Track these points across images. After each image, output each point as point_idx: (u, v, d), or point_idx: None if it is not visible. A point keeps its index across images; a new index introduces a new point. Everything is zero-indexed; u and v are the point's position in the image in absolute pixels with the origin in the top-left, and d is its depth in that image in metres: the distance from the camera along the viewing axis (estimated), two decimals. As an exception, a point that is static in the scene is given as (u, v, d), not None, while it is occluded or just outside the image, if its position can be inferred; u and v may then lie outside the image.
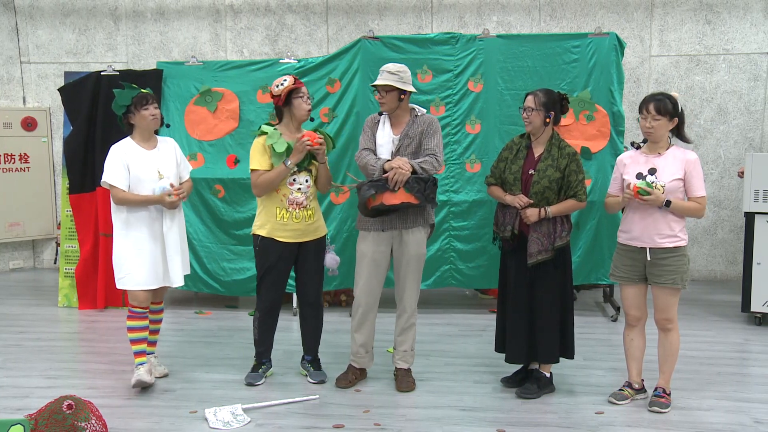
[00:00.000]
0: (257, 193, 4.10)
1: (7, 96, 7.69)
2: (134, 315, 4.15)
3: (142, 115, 4.09)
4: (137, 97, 4.10)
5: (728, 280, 7.19)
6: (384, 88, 3.98)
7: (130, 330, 4.16)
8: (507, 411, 3.83)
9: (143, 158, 4.10)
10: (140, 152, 4.12)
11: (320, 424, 3.66)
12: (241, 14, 7.44)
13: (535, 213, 3.85)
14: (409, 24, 7.28)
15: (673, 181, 3.69)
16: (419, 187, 3.83)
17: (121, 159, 4.06)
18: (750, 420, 3.71)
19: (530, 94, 3.94)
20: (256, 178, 4.04)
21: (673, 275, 3.72)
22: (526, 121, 3.92)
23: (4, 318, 5.80)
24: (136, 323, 4.16)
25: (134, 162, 4.07)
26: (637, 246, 3.79)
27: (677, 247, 3.73)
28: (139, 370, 4.10)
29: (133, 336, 4.17)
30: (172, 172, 4.18)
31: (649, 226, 3.73)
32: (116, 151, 4.09)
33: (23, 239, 7.72)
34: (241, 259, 5.83)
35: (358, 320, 4.16)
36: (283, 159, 4.00)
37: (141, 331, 4.18)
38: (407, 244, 4.03)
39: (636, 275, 3.83)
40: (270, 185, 4.03)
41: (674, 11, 7.01)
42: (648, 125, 3.73)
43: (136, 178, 4.06)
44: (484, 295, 6.44)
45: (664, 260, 3.73)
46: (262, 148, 4.05)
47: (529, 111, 3.90)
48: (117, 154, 4.08)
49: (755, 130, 7.04)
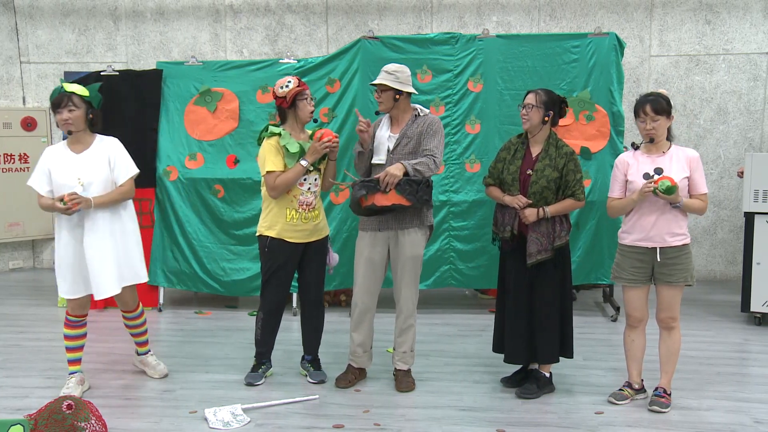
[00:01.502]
0: (274, 195, 4.02)
1: (6, 96, 7.70)
2: (70, 323, 4.06)
3: (57, 119, 3.89)
4: (55, 97, 3.87)
5: (728, 280, 7.19)
6: (380, 87, 4.00)
7: (66, 338, 4.09)
8: (507, 411, 3.83)
9: (66, 163, 3.91)
10: (66, 156, 3.92)
11: (320, 424, 3.66)
12: (240, 14, 7.44)
13: (534, 213, 3.85)
14: (409, 24, 7.28)
15: (681, 180, 3.70)
16: (410, 189, 3.82)
17: (45, 163, 3.92)
18: (750, 420, 3.71)
19: (531, 92, 3.94)
20: (273, 180, 3.97)
21: (684, 273, 3.74)
22: (524, 118, 3.91)
23: (4, 318, 5.80)
24: (71, 331, 4.07)
25: (56, 167, 3.89)
26: (648, 247, 3.77)
27: (685, 245, 3.76)
28: (69, 382, 4.03)
29: (67, 344, 4.09)
30: (98, 176, 3.90)
31: (662, 225, 3.72)
32: (44, 155, 3.95)
33: (23, 239, 7.72)
34: (241, 259, 5.83)
35: (356, 320, 4.16)
36: (296, 159, 3.99)
37: (75, 340, 4.09)
38: (403, 245, 4.03)
39: (643, 277, 3.82)
40: (288, 186, 3.99)
41: (674, 11, 7.01)
42: (649, 127, 3.72)
43: (57, 184, 3.88)
44: (483, 296, 6.44)
45: (674, 259, 3.73)
46: (275, 150, 3.99)
47: (529, 107, 3.89)
48: (43, 158, 3.93)
49: (755, 130, 7.04)
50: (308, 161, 3.98)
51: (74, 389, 3.99)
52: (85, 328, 4.12)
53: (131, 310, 4.27)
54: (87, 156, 3.95)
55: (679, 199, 3.65)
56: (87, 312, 4.11)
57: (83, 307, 4.06)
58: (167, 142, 5.92)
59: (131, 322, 4.31)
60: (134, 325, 4.32)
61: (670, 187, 3.57)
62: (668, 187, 3.57)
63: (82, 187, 3.86)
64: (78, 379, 4.08)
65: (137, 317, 4.30)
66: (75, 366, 4.12)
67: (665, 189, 3.58)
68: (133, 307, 4.26)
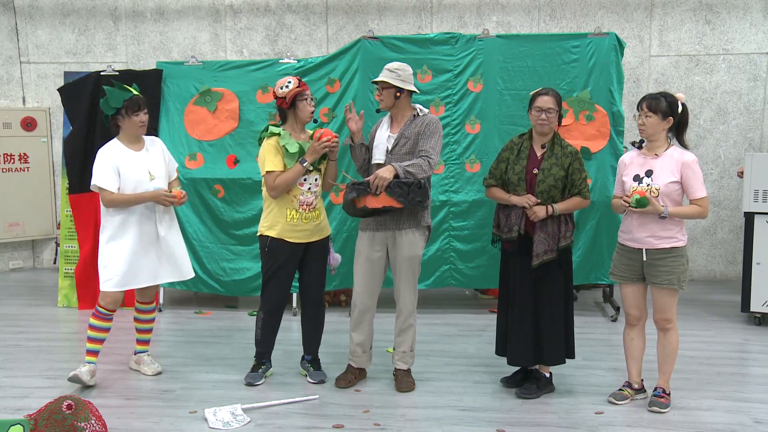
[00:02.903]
0: (274, 195, 4.04)
1: (6, 96, 7.69)
2: (100, 315, 4.13)
3: (132, 120, 4.07)
4: (129, 101, 4.04)
5: (728, 280, 7.19)
6: (381, 85, 4.00)
7: (91, 328, 4.16)
8: (507, 411, 3.83)
9: (133, 160, 4.08)
10: (129, 154, 4.10)
11: (320, 424, 3.66)
12: (240, 14, 7.44)
13: (543, 209, 3.83)
14: (409, 24, 7.28)
15: (668, 184, 3.68)
16: (401, 192, 3.81)
17: (110, 162, 4.02)
18: (750, 420, 3.71)
19: (544, 94, 3.87)
20: (273, 180, 3.99)
21: (669, 276, 3.71)
22: (544, 122, 3.85)
23: (4, 318, 5.80)
24: (98, 323, 4.15)
25: (124, 164, 4.04)
26: (634, 247, 3.79)
27: (674, 248, 3.71)
28: (82, 367, 4.11)
29: (91, 334, 4.16)
30: (161, 172, 4.19)
31: (644, 228, 3.73)
32: (105, 154, 4.05)
33: (23, 239, 7.71)
34: (241, 259, 5.83)
35: (355, 319, 4.16)
36: (296, 159, 4.00)
37: (100, 332, 4.17)
38: (400, 246, 4.02)
39: (634, 275, 3.83)
40: (288, 186, 4.01)
41: (674, 11, 7.01)
42: (640, 122, 3.74)
43: (128, 181, 4.03)
44: (483, 296, 6.44)
45: (660, 261, 3.72)
46: (275, 150, 4.01)
47: (550, 112, 3.84)
48: (106, 157, 4.04)
49: (755, 130, 7.04)
50: (308, 161, 3.98)
51: (84, 374, 4.08)
52: (111, 322, 4.20)
53: (149, 302, 4.37)
54: (148, 153, 4.19)
55: (662, 210, 3.63)
56: (117, 308, 4.18)
57: (117, 302, 4.14)
58: (167, 142, 5.86)
59: (144, 316, 4.38)
60: (146, 319, 4.39)
61: (639, 200, 3.61)
62: (637, 200, 3.62)
63: (155, 181, 4.11)
64: (90, 369, 4.14)
65: (151, 311, 4.41)
66: (92, 357, 4.19)
67: (636, 203, 3.62)
68: (152, 299, 4.38)
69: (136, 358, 4.46)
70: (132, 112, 4.05)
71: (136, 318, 4.41)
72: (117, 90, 4.07)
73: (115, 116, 4.08)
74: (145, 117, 4.12)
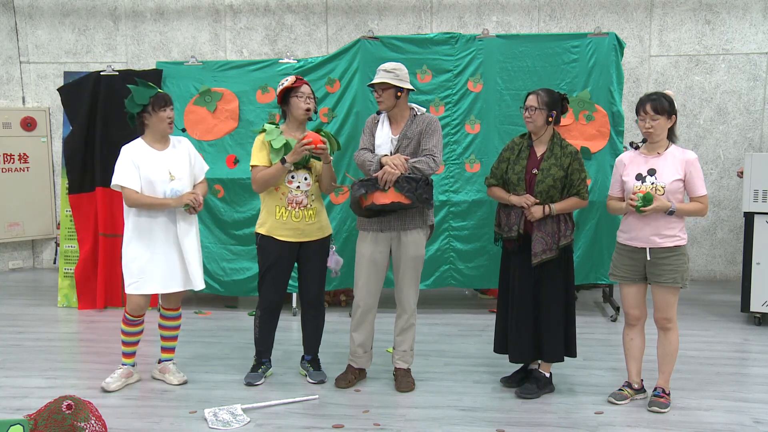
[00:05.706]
0: (256, 189, 4.11)
1: (6, 96, 7.69)
2: (127, 321, 4.14)
3: (159, 116, 4.01)
4: (156, 97, 4.01)
5: (727, 280, 7.19)
6: (380, 86, 3.99)
7: (123, 333, 4.17)
8: (506, 411, 3.83)
9: (154, 159, 4.04)
10: (151, 153, 4.05)
11: (320, 424, 3.66)
12: (240, 14, 7.44)
13: (540, 209, 3.84)
14: (409, 24, 7.28)
15: (673, 182, 3.69)
16: (409, 187, 3.81)
17: (131, 160, 4.00)
18: (750, 420, 3.71)
19: (532, 93, 3.94)
20: (255, 174, 4.06)
21: (674, 274, 3.72)
22: (528, 120, 3.92)
23: (4, 318, 5.80)
24: (128, 328, 4.16)
25: (144, 163, 4.00)
26: (637, 246, 3.79)
27: (677, 246, 3.73)
28: (114, 373, 4.16)
29: (124, 338, 4.19)
30: (184, 173, 4.11)
31: (649, 227, 3.73)
32: (127, 152, 4.03)
33: (23, 239, 7.71)
34: (241, 259, 5.83)
35: (357, 320, 4.16)
36: (280, 156, 4.00)
37: (131, 336, 4.18)
38: (405, 246, 4.03)
39: (636, 275, 3.83)
40: (267, 182, 4.03)
41: (674, 11, 7.02)
42: (647, 125, 3.72)
43: (147, 180, 3.99)
44: (483, 295, 6.45)
45: (664, 259, 3.73)
46: (261, 145, 4.08)
47: (532, 110, 3.89)
48: (127, 155, 4.01)
49: (754, 130, 7.04)
50: (288, 161, 3.98)
51: (114, 382, 4.11)
52: (141, 326, 4.18)
53: (175, 308, 4.31)
54: (172, 153, 4.11)
55: (670, 206, 3.65)
56: (144, 312, 4.16)
57: (141, 308, 4.11)
58: (167, 142, 5.92)
59: (170, 323, 4.31)
60: (172, 326, 4.32)
61: (645, 197, 3.61)
62: (644, 198, 3.61)
63: (175, 182, 4.04)
64: (125, 372, 4.17)
65: (176, 318, 4.33)
66: (128, 359, 4.21)
67: (642, 201, 3.61)
68: (177, 305, 4.31)
69: (161, 367, 4.32)
70: (159, 107, 4.00)
71: (161, 324, 4.32)
72: (142, 87, 4.04)
73: (142, 114, 4.03)
74: (172, 113, 4.06)
